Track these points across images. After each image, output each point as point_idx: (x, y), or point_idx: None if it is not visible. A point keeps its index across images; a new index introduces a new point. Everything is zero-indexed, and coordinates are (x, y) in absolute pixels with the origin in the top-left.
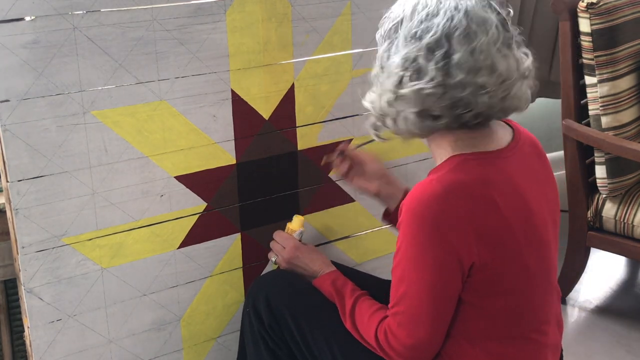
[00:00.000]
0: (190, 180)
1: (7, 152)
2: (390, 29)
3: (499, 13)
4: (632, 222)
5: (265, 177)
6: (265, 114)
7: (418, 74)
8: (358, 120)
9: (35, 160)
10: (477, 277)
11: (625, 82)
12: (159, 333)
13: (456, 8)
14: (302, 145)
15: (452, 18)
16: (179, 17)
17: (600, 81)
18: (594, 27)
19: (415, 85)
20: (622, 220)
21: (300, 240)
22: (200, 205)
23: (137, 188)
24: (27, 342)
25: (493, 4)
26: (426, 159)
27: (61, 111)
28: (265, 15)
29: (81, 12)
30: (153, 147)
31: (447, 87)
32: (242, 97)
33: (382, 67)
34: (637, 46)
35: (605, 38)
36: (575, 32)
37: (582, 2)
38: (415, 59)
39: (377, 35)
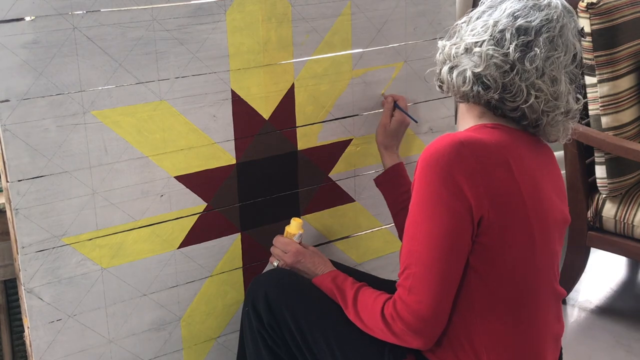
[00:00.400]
0: (190, 180)
1: (7, 152)
2: None
3: (582, 50)
4: (632, 222)
5: (265, 177)
6: (265, 114)
7: (499, 43)
8: (358, 120)
9: (35, 160)
10: (484, 238)
11: (625, 82)
12: (159, 333)
13: (557, 19)
14: (302, 145)
15: (549, 21)
16: (179, 17)
17: (600, 81)
18: (594, 27)
19: (489, 49)
20: (622, 220)
21: (300, 243)
22: (200, 205)
23: (137, 188)
24: (27, 342)
25: (583, 40)
26: None
27: (61, 111)
28: (265, 15)
29: (81, 12)
30: (153, 147)
31: (513, 67)
32: (242, 97)
33: (468, 21)
34: (637, 46)
35: (605, 38)
36: None
37: (582, 2)
38: (503, 31)
39: None
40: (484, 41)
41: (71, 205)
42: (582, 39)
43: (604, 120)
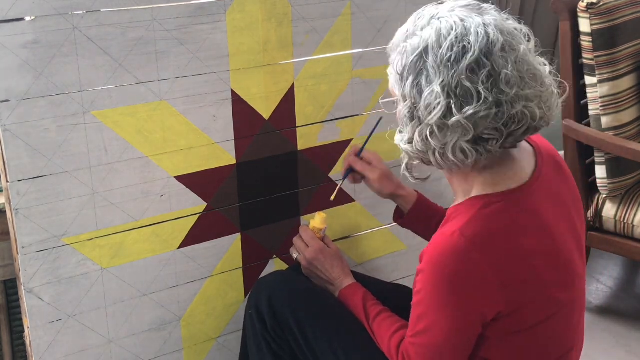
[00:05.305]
0: (190, 180)
1: (7, 152)
2: (412, 61)
3: (519, 22)
4: (632, 222)
5: (265, 177)
6: (265, 114)
7: (467, 98)
8: (358, 120)
9: (35, 160)
10: (504, 321)
11: (625, 82)
12: (159, 333)
13: (485, 24)
14: (302, 145)
15: (487, 34)
16: (179, 17)
17: (600, 81)
18: (594, 27)
19: (467, 110)
20: (622, 220)
21: (324, 237)
22: (200, 205)
23: (137, 188)
24: (27, 342)
25: (511, 16)
26: None
27: (61, 111)
28: (265, 15)
29: (81, 12)
30: (153, 147)
31: (500, 104)
32: (242, 97)
33: (414, 103)
34: (637, 46)
35: (605, 38)
36: (576, 32)
37: (582, 2)
38: (458, 84)
39: (392, 71)
40: (450, 108)
41: (71, 205)
42: (503, 10)
43: (604, 120)
